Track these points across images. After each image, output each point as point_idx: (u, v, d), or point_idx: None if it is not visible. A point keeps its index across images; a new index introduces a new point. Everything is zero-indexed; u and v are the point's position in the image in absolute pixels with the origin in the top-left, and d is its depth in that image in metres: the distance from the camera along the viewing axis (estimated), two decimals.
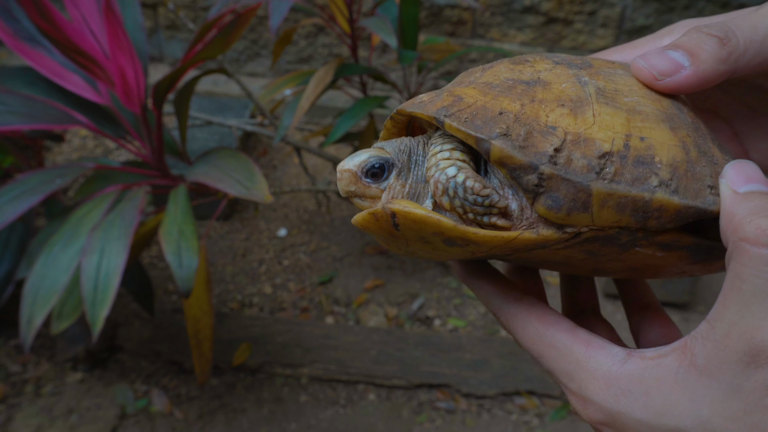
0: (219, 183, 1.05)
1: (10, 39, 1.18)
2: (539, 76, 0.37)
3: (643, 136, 0.35)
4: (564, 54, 0.40)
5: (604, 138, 0.34)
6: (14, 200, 1.02)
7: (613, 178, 0.34)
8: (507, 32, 2.58)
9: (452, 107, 0.36)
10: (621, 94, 0.36)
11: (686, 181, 0.35)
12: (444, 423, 1.67)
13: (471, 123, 0.35)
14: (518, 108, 0.35)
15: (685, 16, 2.48)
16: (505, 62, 0.39)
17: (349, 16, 1.53)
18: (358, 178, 0.38)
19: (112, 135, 1.25)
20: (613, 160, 0.34)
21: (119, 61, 1.03)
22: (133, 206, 1.04)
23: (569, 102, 0.35)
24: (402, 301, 2.00)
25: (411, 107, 0.38)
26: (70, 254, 1.03)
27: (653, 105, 0.36)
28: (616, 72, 0.38)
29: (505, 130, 0.34)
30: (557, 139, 0.34)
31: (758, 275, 0.32)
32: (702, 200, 0.35)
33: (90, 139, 2.64)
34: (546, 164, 0.33)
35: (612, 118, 0.35)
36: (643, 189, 0.34)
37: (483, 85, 0.37)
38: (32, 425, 1.57)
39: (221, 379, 1.73)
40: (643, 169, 0.34)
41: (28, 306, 1.03)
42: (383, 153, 0.39)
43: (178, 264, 1.00)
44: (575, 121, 0.35)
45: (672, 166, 0.35)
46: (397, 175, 0.38)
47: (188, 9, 2.70)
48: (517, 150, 0.34)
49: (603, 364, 0.36)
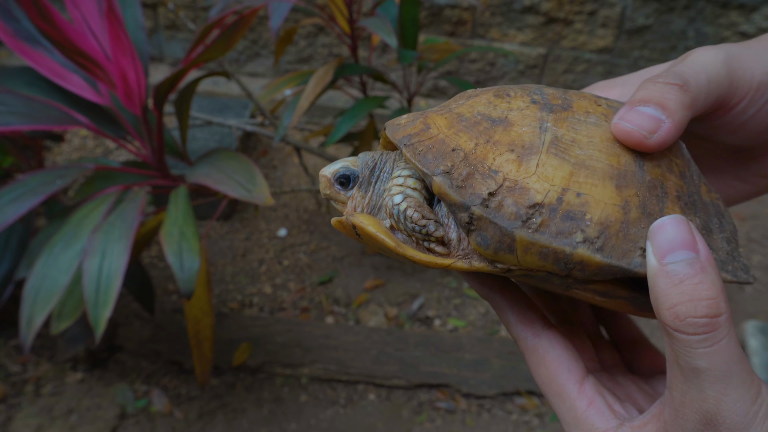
0: (220, 185, 1.05)
1: (10, 39, 1.18)
2: (507, 115, 0.38)
3: (581, 192, 0.36)
4: (553, 90, 0.40)
5: (539, 189, 0.36)
6: (15, 201, 1.02)
7: (538, 229, 0.35)
8: (507, 32, 2.58)
9: (416, 136, 0.39)
10: (576, 146, 0.37)
11: (615, 240, 0.36)
12: (444, 423, 1.67)
13: (423, 156, 0.38)
14: (471, 147, 0.38)
15: (685, 16, 2.48)
16: (491, 91, 0.41)
17: (349, 16, 1.53)
18: (331, 183, 0.43)
19: (113, 135, 1.25)
20: (542, 212, 0.35)
21: (120, 62, 1.03)
22: (134, 207, 1.04)
23: (520, 148, 0.37)
24: (402, 301, 2.00)
25: (390, 127, 0.42)
26: (71, 255, 1.03)
27: (608, 160, 0.37)
28: (588, 120, 0.38)
29: (449, 168, 0.37)
30: (494, 184, 0.36)
31: (687, 354, 0.32)
32: (628, 261, 0.36)
33: (90, 139, 2.64)
34: (477, 206, 0.36)
35: (554, 171, 0.36)
36: (565, 243, 0.35)
37: (454, 117, 0.39)
38: (32, 425, 1.57)
39: (221, 379, 1.73)
40: (570, 224, 0.35)
41: (28, 307, 1.03)
42: (353, 165, 0.43)
43: (180, 265, 1.00)
44: (518, 169, 0.36)
45: (602, 225, 0.35)
46: (358, 187, 0.43)
47: (188, 9, 2.70)
48: (454, 189, 0.36)
49: (597, 428, 0.38)
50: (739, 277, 0.39)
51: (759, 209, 2.44)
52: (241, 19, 1.02)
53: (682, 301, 0.32)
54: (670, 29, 2.52)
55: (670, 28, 2.52)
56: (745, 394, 0.32)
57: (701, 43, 2.54)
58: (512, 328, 0.42)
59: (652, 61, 2.60)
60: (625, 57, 2.61)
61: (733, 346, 0.32)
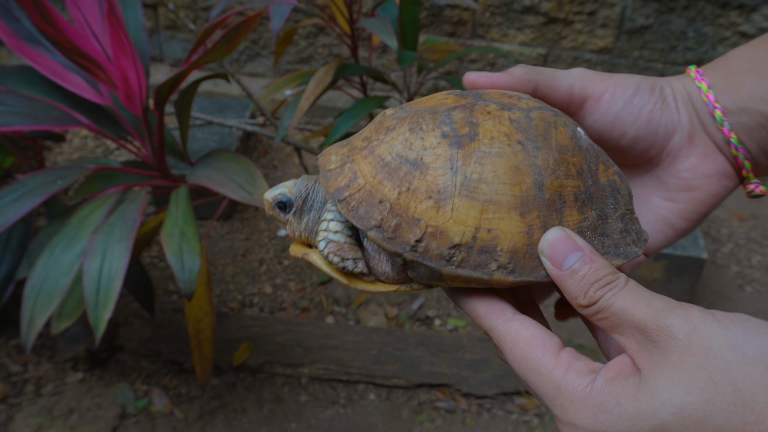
0: (221, 187, 1.05)
1: (11, 39, 1.18)
2: (422, 156, 0.43)
3: (491, 227, 0.42)
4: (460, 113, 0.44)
5: (456, 232, 0.42)
6: (15, 202, 1.02)
7: (460, 264, 0.42)
8: (507, 32, 2.58)
9: (346, 189, 0.44)
10: (484, 183, 0.42)
11: (524, 261, 0.43)
12: (444, 423, 1.67)
13: (356, 212, 0.43)
14: (395, 197, 0.43)
15: (685, 16, 2.48)
16: (407, 123, 0.45)
17: (349, 17, 1.53)
18: (272, 206, 0.49)
19: (113, 136, 1.25)
20: (461, 250, 0.42)
21: (121, 64, 1.03)
22: (135, 208, 1.04)
23: (436, 194, 0.42)
24: (402, 300, 2.00)
25: (322, 173, 0.46)
26: (72, 256, 1.03)
27: (511, 191, 0.42)
28: (492, 150, 0.43)
29: (379, 222, 0.42)
30: (419, 231, 0.42)
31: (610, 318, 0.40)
32: (536, 275, 0.43)
33: (91, 139, 2.64)
34: (408, 252, 0.42)
35: (467, 212, 0.42)
36: (483, 273, 0.42)
37: (377, 162, 0.44)
38: (33, 425, 1.57)
39: (221, 379, 1.73)
40: (485, 256, 0.42)
41: (28, 308, 1.03)
42: (290, 191, 0.48)
43: (180, 266, 1.00)
44: (437, 215, 0.42)
45: (512, 252, 0.42)
46: (294, 214, 0.48)
47: (188, 9, 2.70)
48: (386, 241, 0.42)
49: (578, 386, 0.38)
50: (629, 255, 0.46)
51: (759, 209, 2.44)
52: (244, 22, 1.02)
53: (589, 286, 0.40)
54: (670, 29, 2.52)
55: (670, 29, 2.52)
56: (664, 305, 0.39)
57: (701, 43, 2.54)
58: (483, 320, 0.44)
59: (652, 61, 2.61)
60: (625, 57, 2.61)
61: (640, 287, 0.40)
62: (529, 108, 0.45)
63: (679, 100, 0.51)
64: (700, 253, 1.87)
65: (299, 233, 0.49)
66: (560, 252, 0.41)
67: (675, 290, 1.94)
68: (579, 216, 0.44)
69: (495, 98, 0.46)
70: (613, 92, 0.50)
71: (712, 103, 0.49)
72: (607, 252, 0.45)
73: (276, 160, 2.58)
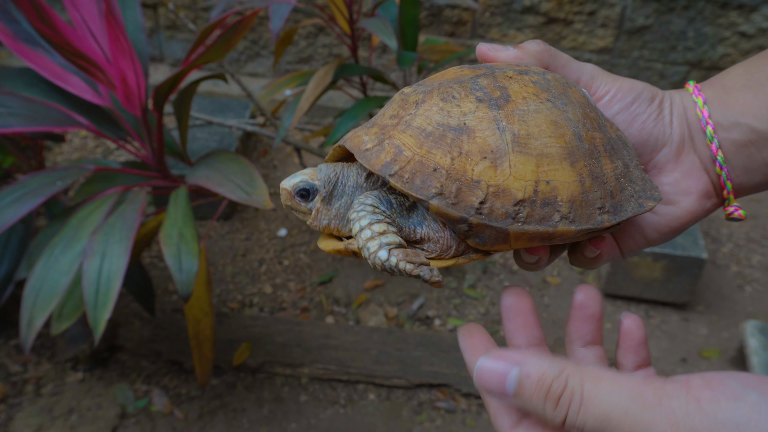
0: (219, 187, 1.05)
1: (10, 40, 1.18)
2: (465, 121, 0.43)
3: (549, 179, 0.43)
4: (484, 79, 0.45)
5: (518, 188, 0.42)
6: (15, 202, 1.02)
7: (526, 220, 0.42)
8: (507, 32, 2.58)
9: (394, 164, 0.43)
10: (532, 138, 0.43)
11: (581, 209, 0.44)
12: (444, 423, 1.67)
13: (411, 183, 0.42)
14: (449, 163, 0.42)
15: (685, 16, 2.48)
16: (436, 94, 0.45)
17: (349, 17, 1.53)
18: (291, 196, 0.46)
19: (113, 136, 1.25)
20: (525, 205, 0.42)
21: (120, 64, 1.03)
22: (134, 209, 1.05)
23: (490, 153, 0.42)
24: (402, 300, 2.00)
25: (359, 154, 0.44)
26: (71, 257, 1.03)
27: (557, 143, 0.43)
28: (529, 108, 0.44)
29: (440, 189, 0.42)
30: (482, 192, 0.42)
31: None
32: (593, 222, 0.44)
33: (90, 139, 2.64)
34: (473, 215, 0.42)
35: (524, 167, 0.42)
36: (548, 225, 0.43)
37: (418, 133, 0.43)
38: (33, 425, 1.57)
39: (221, 379, 1.73)
40: (548, 209, 0.43)
41: (28, 308, 1.03)
42: (314, 178, 0.46)
43: (178, 267, 1.00)
44: (495, 174, 0.42)
45: (570, 202, 0.43)
46: (322, 201, 0.46)
47: (188, 9, 2.70)
48: (450, 207, 0.42)
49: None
50: (656, 198, 0.48)
51: (759, 209, 2.44)
52: (242, 20, 1.02)
53: (545, 398, 0.38)
54: (670, 29, 2.52)
55: (670, 29, 2.52)
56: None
57: (701, 43, 2.54)
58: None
59: (651, 61, 2.61)
60: (624, 57, 2.61)
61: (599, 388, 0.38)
62: (542, 72, 0.47)
63: (675, 114, 0.52)
64: (700, 253, 1.87)
65: (328, 221, 0.47)
66: (497, 378, 0.40)
67: (675, 290, 1.94)
68: (611, 165, 0.46)
69: (508, 67, 0.47)
70: (614, 95, 0.52)
71: (705, 118, 0.51)
72: (639, 196, 0.47)
73: (276, 160, 2.58)
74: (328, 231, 0.48)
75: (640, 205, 0.47)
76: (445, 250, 0.45)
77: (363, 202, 0.44)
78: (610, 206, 0.45)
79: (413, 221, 0.46)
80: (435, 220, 0.45)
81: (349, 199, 0.46)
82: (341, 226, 0.47)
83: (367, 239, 0.43)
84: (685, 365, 1.85)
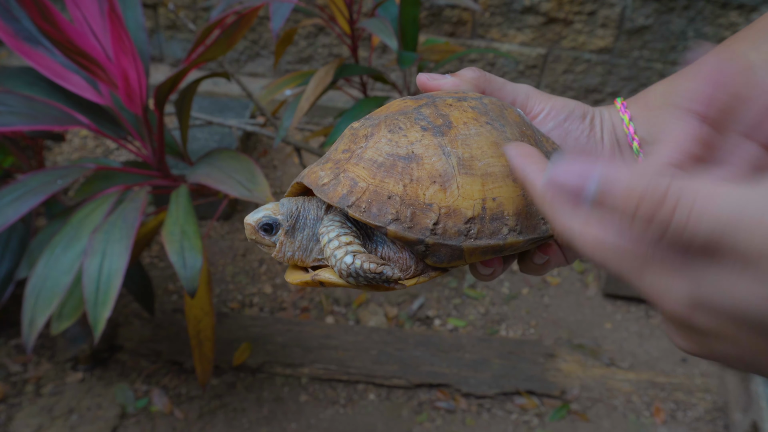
0: (221, 185, 1.05)
1: (11, 39, 1.18)
2: (413, 149, 0.45)
3: (494, 196, 0.46)
4: (426, 108, 0.48)
5: (467, 206, 0.45)
6: (15, 201, 1.02)
7: (477, 236, 0.45)
8: (507, 32, 2.58)
9: (351, 195, 0.45)
10: (476, 160, 0.46)
11: (527, 221, 0.47)
12: (444, 423, 1.67)
13: (369, 212, 0.44)
14: (401, 190, 0.45)
15: (685, 16, 2.48)
16: (383, 126, 0.47)
17: (349, 17, 1.53)
18: (255, 230, 0.48)
19: (113, 135, 1.25)
20: (476, 222, 0.45)
21: (122, 62, 1.03)
22: (135, 207, 1.04)
23: (439, 177, 0.45)
24: (402, 300, 2.00)
25: (317, 189, 0.46)
26: (72, 256, 1.03)
27: (499, 162, 0.46)
28: (470, 132, 0.46)
29: (395, 215, 0.44)
30: (434, 214, 0.44)
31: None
32: (538, 231, 0.47)
33: (90, 139, 2.64)
34: (429, 236, 0.44)
35: (471, 187, 0.45)
36: (499, 238, 0.46)
37: (370, 164, 0.46)
38: (33, 425, 1.57)
39: (221, 379, 1.73)
40: (497, 223, 0.45)
41: (29, 308, 1.03)
42: (276, 213, 0.48)
43: (182, 264, 1.00)
44: (445, 196, 0.45)
45: (516, 215, 0.46)
46: (285, 234, 0.48)
47: (188, 9, 2.70)
48: (407, 230, 0.44)
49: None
50: None
51: None
52: (242, 18, 1.02)
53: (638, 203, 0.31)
54: (670, 29, 2.52)
55: (670, 29, 2.52)
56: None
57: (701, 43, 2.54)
58: None
59: (651, 61, 2.61)
60: (624, 57, 2.61)
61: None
62: (479, 96, 0.50)
63: (605, 130, 0.55)
64: None
65: (292, 253, 0.49)
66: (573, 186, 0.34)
67: None
68: None
69: (447, 95, 0.50)
70: (548, 113, 0.54)
71: (632, 134, 0.53)
72: None
73: (276, 160, 2.58)
74: (292, 262, 0.50)
75: None
76: (404, 270, 0.47)
77: (332, 219, 0.47)
78: None
79: (374, 244, 0.48)
80: (393, 243, 0.47)
81: (310, 231, 0.49)
82: (305, 257, 0.49)
83: (335, 248, 0.45)
84: (686, 365, 1.85)
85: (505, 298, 2.05)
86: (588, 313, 2.00)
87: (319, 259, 0.49)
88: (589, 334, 1.93)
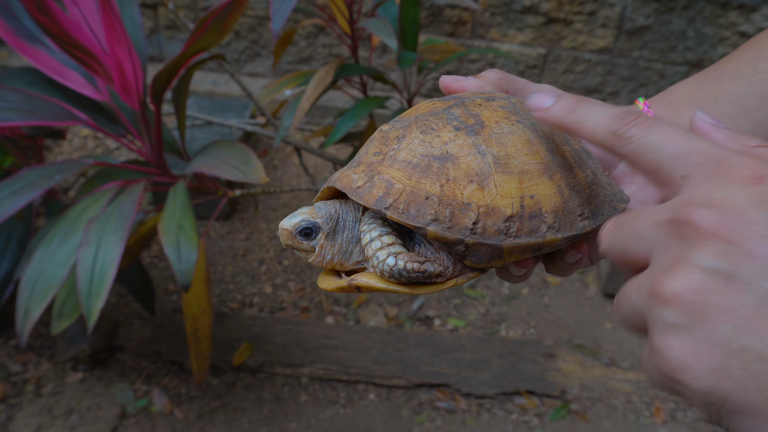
0: (216, 170, 1.05)
1: (11, 37, 1.19)
2: (447, 149, 0.45)
3: (532, 194, 0.46)
4: (457, 109, 0.48)
5: (506, 205, 0.45)
6: (13, 195, 1.02)
7: (517, 234, 0.45)
8: (507, 32, 2.58)
9: (388, 197, 0.45)
10: (511, 158, 0.46)
11: (564, 218, 0.47)
12: (444, 423, 1.67)
13: (407, 213, 0.44)
14: (439, 190, 0.44)
15: (685, 16, 2.48)
16: (415, 128, 0.47)
17: (349, 17, 1.53)
18: (293, 235, 0.47)
19: (112, 132, 1.25)
20: (515, 220, 0.45)
21: (116, 54, 1.03)
22: (131, 200, 1.04)
23: (476, 176, 0.45)
24: (402, 300, 2.00)
25: (352, 193, 0.46)
26: (69, 249, 1.03)
27: (534, 159, 0.46)
28: (503, 131, 0.47)
29: (434, 215, 0.44)
30: (473, 213, 0.44)
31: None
32: (576, 228, 0.47)
33: (90, 139, 2.65)
34: (469, 236, 0.44)
35: (509, 185, 0.45)
36: (537, 236, 0.45)
37: (405, 165, 0.46)
38: (33, 425, 1.57)
39: (221, 379, 1.73)
40: (536, 221, 0.45)
41: (24, 300, 1.03)
42: (315, 216, 0.48)
43: (177, 257, 1.00)
44: (483, 194, 0.45)
45: (554, 212, 0.46)
46: (326, 237, 0.48)
47: (188, 9, 2.71)
48: (447, 231, 0.44)
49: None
50: (625, 200, 0.51)
51: None
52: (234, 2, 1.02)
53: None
54: (670, 29, 2.52)
55: (670, 29, 2.52)
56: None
57: (701, 43, 2.54)
58: None
59: (651, 61, 2.61)
60: (624, 57, 2.61)
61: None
62: (506, 96, 0.50)
63: None
64: None
65: (332, 256, 0.48)
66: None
67: None
68: (582, 174, 0.49)
69: (475, 95, 0.50)
70: None
71: None
72: (611, 199, 0.50)
73: (276, 160, 2.58)
74: (330, 266, 0.49)
75: (613, 208, 0.50)
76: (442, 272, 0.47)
77: (374, 216, 0.47)
78: (589, 212, 0.48)
79: (412, 243, 0.48)
80: (430, 243, 0.47)
81: (350, 233, 0.48)
82: (344, 260, 0.49)
83: (377, 249, 0.45)
84: None
85: (505, 298, 2.04)
86: (588, 313, 2.00)
87: (359, 262, 0.49)
88: (589, 334, 1.92)
